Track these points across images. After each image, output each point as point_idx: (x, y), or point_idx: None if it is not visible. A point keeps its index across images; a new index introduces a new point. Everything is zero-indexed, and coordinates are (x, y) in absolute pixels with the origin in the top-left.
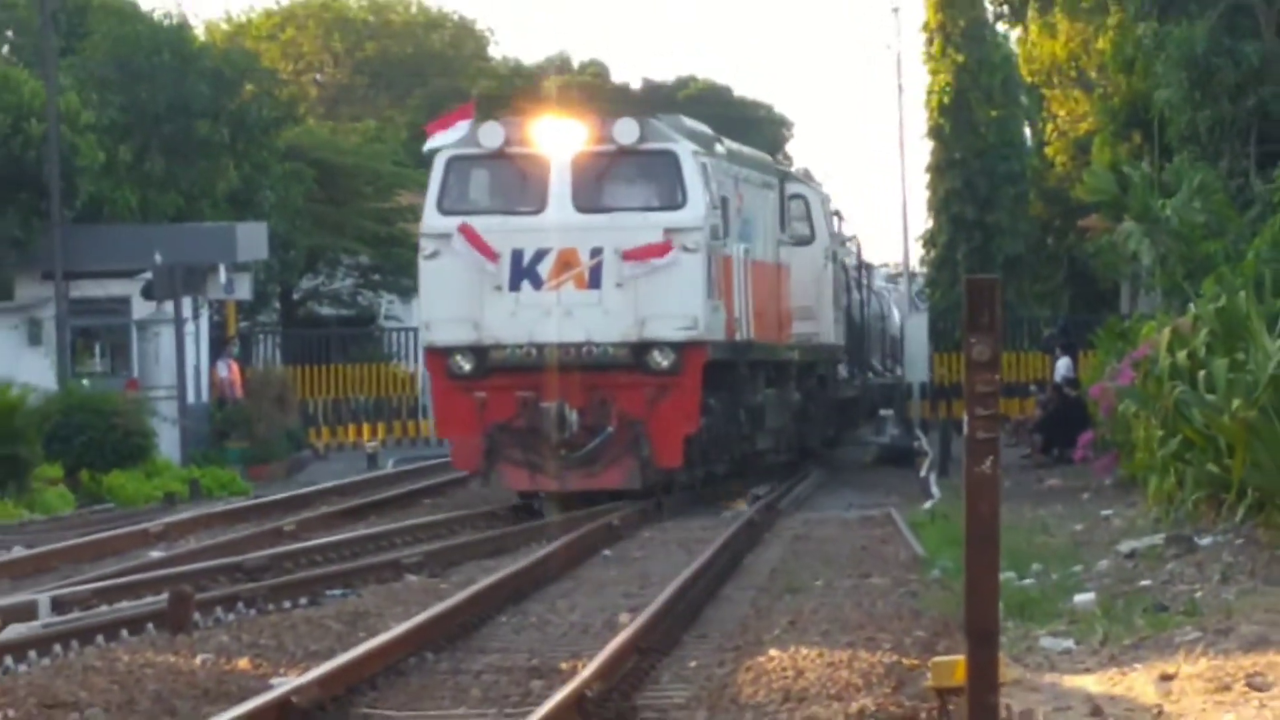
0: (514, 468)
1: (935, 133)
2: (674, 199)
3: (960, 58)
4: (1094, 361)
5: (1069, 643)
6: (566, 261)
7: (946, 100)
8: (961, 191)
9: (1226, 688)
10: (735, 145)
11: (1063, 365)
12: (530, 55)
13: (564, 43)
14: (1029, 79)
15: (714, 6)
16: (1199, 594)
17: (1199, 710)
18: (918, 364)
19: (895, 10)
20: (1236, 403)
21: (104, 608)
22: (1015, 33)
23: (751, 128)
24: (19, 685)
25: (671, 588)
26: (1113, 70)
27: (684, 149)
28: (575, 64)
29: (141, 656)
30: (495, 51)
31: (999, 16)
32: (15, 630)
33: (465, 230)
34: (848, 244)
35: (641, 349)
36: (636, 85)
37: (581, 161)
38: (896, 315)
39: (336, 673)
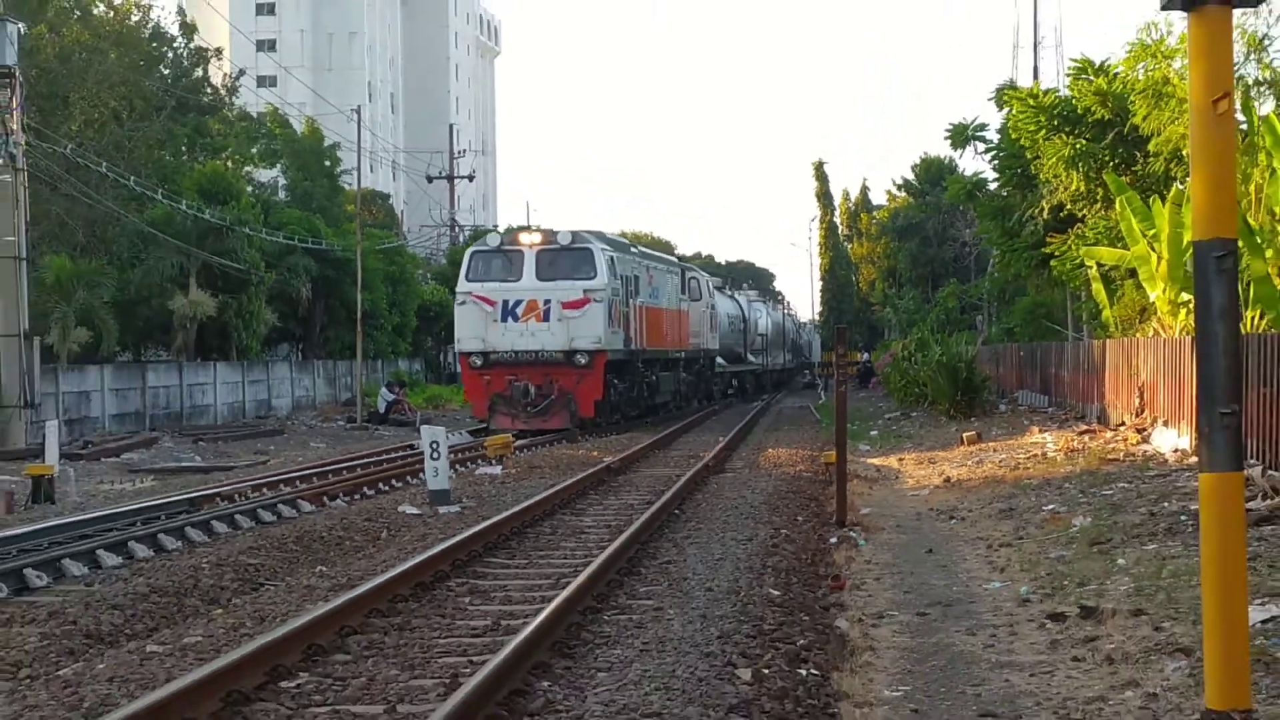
0: (503, 416)
1: (823, 279)
2: (589, 273)
3: (830, 253)
4: (876, 355)
5: (868, 448)
6: (532, 307)
7: (825, 267)
8: (830, 300)
9: (921, 463)
10: (647, 249)
11: (865, 356)
12: (687, 250)
13: (707, 244)
14: (855, 260)
15: (755, 218)
16: (911, 432)
17: (911, 469)
18: (815, 355)
19: (810, 237)
20: (925, 369)
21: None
22: (850, 244)
23: (762, 278)
24: (520, 459)
25: (735, 430)
26: (882, 256)
27: (596, 247)
28: (705, 255)
29: (560, 450)
30: (679, 250)
31: (845, 239)
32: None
33: (475, 296)
34: (785, 305)
35: (570, 354)
36: (724, 262)
37: (541, 254)
38: (807, 338)
39: (626, 457)
